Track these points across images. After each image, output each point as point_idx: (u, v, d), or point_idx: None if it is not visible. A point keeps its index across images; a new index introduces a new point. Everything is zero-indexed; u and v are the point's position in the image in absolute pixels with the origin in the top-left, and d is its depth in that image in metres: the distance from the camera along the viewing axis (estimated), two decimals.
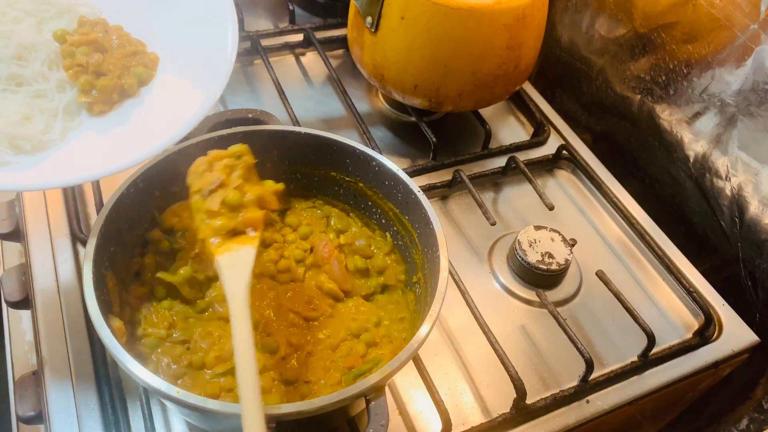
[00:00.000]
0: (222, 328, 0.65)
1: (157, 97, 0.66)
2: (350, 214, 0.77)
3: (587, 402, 0.73)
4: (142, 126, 0.63)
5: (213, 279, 0.68)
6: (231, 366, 0.61)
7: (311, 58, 1.11)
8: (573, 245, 0.83)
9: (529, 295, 0.82)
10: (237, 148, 0.63)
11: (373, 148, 0.75)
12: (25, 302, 0.75)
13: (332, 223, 0.76)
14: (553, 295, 0.82)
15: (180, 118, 0.62)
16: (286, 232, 0.75)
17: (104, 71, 0.64)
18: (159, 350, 0.62)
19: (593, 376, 0.73)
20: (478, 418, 0.70)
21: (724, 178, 0.90)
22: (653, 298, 0.85)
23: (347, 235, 0.75)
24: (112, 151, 0.62)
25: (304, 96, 1.04)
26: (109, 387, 0.67)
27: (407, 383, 0.72)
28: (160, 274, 0.66)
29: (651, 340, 0.75)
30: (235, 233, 0.59)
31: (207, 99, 0.64)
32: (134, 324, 0.64)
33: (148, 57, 0.68)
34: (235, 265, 0.57)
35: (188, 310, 0.66)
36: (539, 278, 0.82)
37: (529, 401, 0.70)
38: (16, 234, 0.82)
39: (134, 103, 0.65)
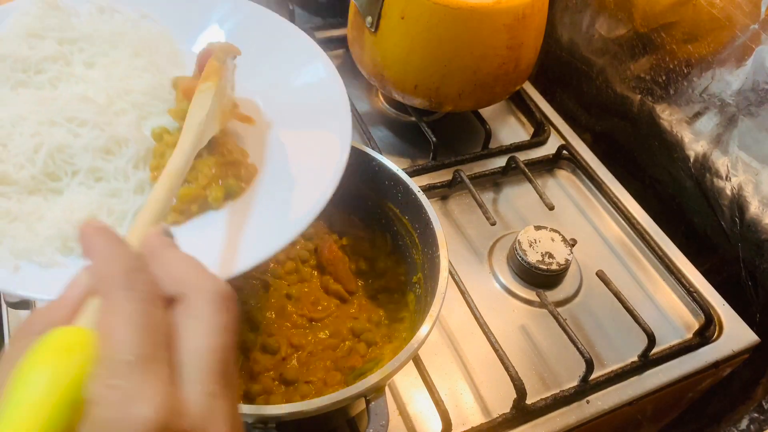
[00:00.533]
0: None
1: (243, 214, 0.56)
2: (350, 215, 0.77)
3: (587, 402, 0.73)
4: (216, 245, 0.54)
5: None
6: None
7: None
8: (573, 245, 0.83)
9: (529, 295, 0.82)
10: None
11: (373, 148, 0.75)
12: (25, 302, 0.75)
13: (335, 224, 0.76)
14: (553, 295, 0.82)
15: (261, 242, 0.53)
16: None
17: (190, 179, 0.55)
18: None
19: (593, 376, 0.73)
20: (478, 418, 0.70)
21: (724, 178, 0.90)
22: (653, 298, 0.85)
23: (349, 236, 0.75)
24: None
25: None
26: None
27: (407, 383, 0.72)
28: None
29: (651, 340, 0.75)
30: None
31: (295, 226, 0.53)
32: None
33: (245, 168, 0.59)
34: (200, 99, 0.54)
35: None
36: (539, 278, 0.82)
37: (529, 401, 0.70)
38: None
39: (215, 217, 0.56)
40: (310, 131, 0.62)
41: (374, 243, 0.75)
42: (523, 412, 0.70)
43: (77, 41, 0.64)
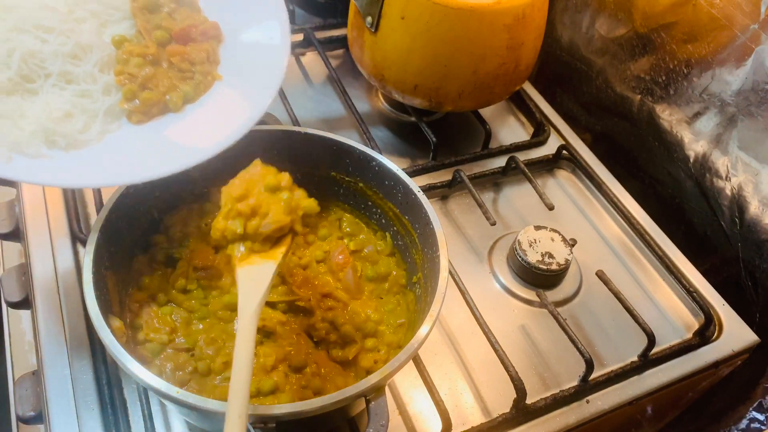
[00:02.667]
0: (225, 332, 0.65)
1: (200, 114, 0.67)
2: (351, 214, 0.77)
3: (587, 402, 0.73)
4: (178, 139, 0.64)
5: (215, 287, 0.68)
6: None
7: (311, 58, 1.11)
8: (573, 245, 0.83)
9: (529, 295, 0.82)
10: (279, 179, 0.61)
11: (373, 148, 0.75)
12: (25, 302, 0.75)
13: (343, 226, 0.76)
14: (553, 295, 0.82)
15: (215, 136, 0.63)
16: (305, 232, 0.75)
17: (151, 86, 0.65)
18: (162, 356, 0.62)
19: (593, 376, 0.73)
20: (478, 418, 0.70)
21: (724, 178, 0.90)
22: (653, 298, 0.85)
23: (357, 241, 0.75)
24: (141, 160, 0.62)
25: (304, 96, 1.04)
26: (109, 387, 0.67)
27: (407, 383, 0.72)
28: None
29: (651, 340, 0.75)
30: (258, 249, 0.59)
31: (244, 122, 0.65)
32: (135, 329, 0.64)
33: (207, 70, 0.69)
34: (253, 279, 0.57)
35: (190, 317, 0.66)
36: (539, 278, 0.82)
37: (529, 401, 0.70)
38: (16, 234, 0.82)
39: (175, 117, 0.66)
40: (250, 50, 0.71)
41: (378, 247, 0.75)
42: (523, 412, 0.70)
43: None
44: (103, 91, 0.65)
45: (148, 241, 0.69)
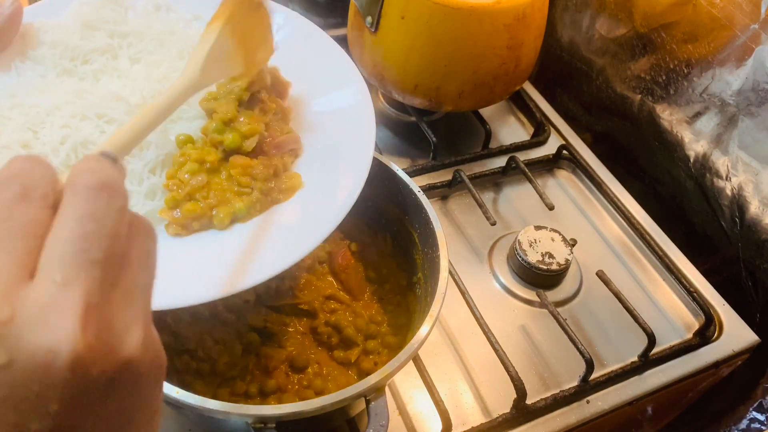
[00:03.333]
0: (228, 333, 0.65)
1: (246, 241, 0.55)
2: (357, 218, 0.77)
3: (587, 402, 0.73)
4: (213, 263, 0.54)
5: None
6: (240, 368, 0.62)
7: None
8: (573, 245, 0.83)
9: (529, 295, 0.82)
10: None
11: None
12: None
13: (345, 227, 0.76)
14: (553, 295, 0.82)
15: (262, 263, 0.53)
16: None
17: (199, 197, 0.56)
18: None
19: (593, 376, 0.73)
20: (478, 418, 0.70)
21: (724, 178, 0.90)
22: (653, 298, 0.85)
23: (358, 242, 0.75)
24: (172, 279, 0.50)
25: None
26: None
27: (407, 383, 0.72)
28: None
29: (651, 340, 0.75)
30: None
31: (287, 260, 0.53)
32: None
33: (269, 189, 0.58)
34: (205, 37, 0.52)
35: (191, 319, 0.65)
36: (539, 278, 0.82)
37: (529, 401, 0.70)
38: None
39: (219, 235, 0.56)
40: (328, 158, 0.61)
41: (378, 248, 0.75)
42: (523, 412, 0.70)
43: (127, 36, 0.65)
44: (146, 194, 0.56)
45: None
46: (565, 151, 0.99)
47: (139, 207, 0.56)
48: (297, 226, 0.56)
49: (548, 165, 1.00)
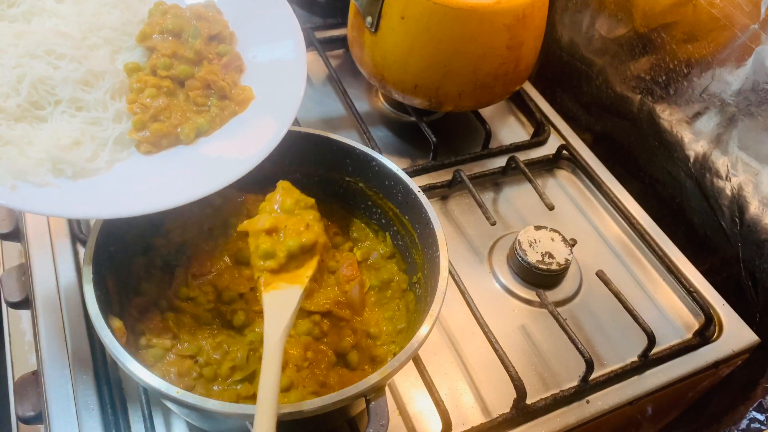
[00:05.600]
0: (232, 337, 0.65)
1: (213, 146, 0.64)
2: (351, 215, 0.77)
3: (587, 402, 0.73)
4: (186, 171, 0.62)
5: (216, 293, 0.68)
6: (247, 372, 0.62)
7: (311, 58, 1.11)
8: (573, 245, 0.83)
9: (529, 295, 0.82)
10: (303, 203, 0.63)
11: (373, 148, 0.75)
12: (25, 302, 0.75)
13: (351, 231, 0.76)
14: (553, 295, 0.82)
15: (224, 170, 0.61)
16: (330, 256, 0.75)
17: (163, 117, 0.63)
18: (165, 361, 0.62)
19: (593, 376, 0.73)
20: (478, 418, 0.70)
21: (724, 178, 0.90)
22: (653, 298, 0.85)
23: (363, 249, 0.75)
24: (148, 191, 0.60)
25: (304, 96, 1.04)
26: (109, 387, 0.67)
27: (407, 383, 0.72)
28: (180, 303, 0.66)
29: (651, 340, 0.75)
30: (284, 270, 0.59)
31: (253, 156, 0.62)
32: (137, 334, 0.64)
33: (225, 104, 0.67)
34: (279, 303, 0.56)
35: (194, 323, 0.66)
36: (539, 278, 0.82)
37: (529, 401, 0.70)
38: (16, 234, 0.82)
39: (187, 149, 0.64)
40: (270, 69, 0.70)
41: (380, 250, 0.75)
42: (523, 412, 0.70)
43: None
44: (113, 119, 0.63)
45: (148, 243, 0.69)
46: (565, 151, 0.99)
47: (110, 131, 0.62)
48: (257, 131, 0.64)
49: (548, 165, 1.00)
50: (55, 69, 0.62)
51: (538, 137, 1.02)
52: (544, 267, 0.80)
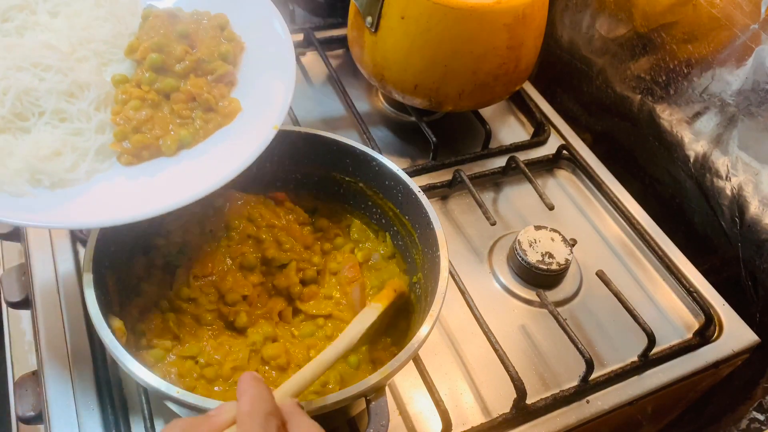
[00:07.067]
0: (234, 338, 0.65)
1: (195, 158, 0.64)
2: (351, 215, 0.77)
3: (587, 402, 0.73)
4: (166, 182, 0.62)
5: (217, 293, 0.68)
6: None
7: (311, 58, 1.11)
8: (573, 245, 0.83)
9: (529, 295, 0.82)
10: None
11: (373, 148, 0.75)
12: (25, 302, 0.75)
13: (352, 232, 0.76)
14: (553, 295, 0.82)
15: (203, 181, 0.61)
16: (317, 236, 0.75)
17: (145, 129, 0.63)
18: (166, 362, 0.62)
19: (593, 376, 0.73)
20: (478, 418, 0.70)
21: (724, 178, 0.90)
22: (653, 298, 0.85)
23: (364, 250, 0.75)
24: (128, 202, 0.60)
25: (304, 96, 1.04)
26: (109, 387, 0.67)
27: (407, 383, 0.72)
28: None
29: (651, 340, 0.75)
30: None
31: (233, 168, 0.62)
32: (138, 334, 0.64)
33: (209, 117, 0.66)
34: (366, 314, 0.63)
35: (193, 323, 0.66)
36: (539, 278, 0.82)
37: (529, 401, 0.70)
38: (16, 234, 0.82)
39: (168, 161, 0.64)
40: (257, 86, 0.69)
41: (380, 251, 0.75)
42: (523, 412, 0.70)
43: None
44: (96, 130, 0.63)
45: (149, 243, 0.69)
46: (565, 151, 0.99)
47: (91, 142, 0.62)
48: (242, 140, 0.64)
49: (548, 165, 1.00)
50: (41, 81, 0.62)
51: (538, 137, 1.02)
52: (544, 267, 0.80)
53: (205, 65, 0.67)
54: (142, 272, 0.67)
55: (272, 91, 0.67)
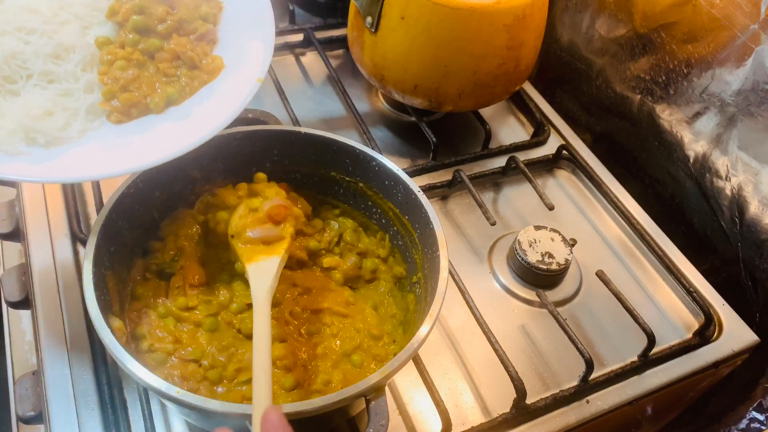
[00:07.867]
0: (237, 338, 0.65)
1: (183, 114, 0.66)
2: (351, 215, 0.77)
3: (587, 402, 0.73)
4: (156, 137, 0.64)
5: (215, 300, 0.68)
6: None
7: (311, 58, 1.11)
8: (573, 245, 0.83)
9: (529, 295, 0.82)
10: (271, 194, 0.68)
11: (373, 148, 0.75)
12: (25, 302, 0.75)
13: (344, 236, 0.76)
14: (553, 295, 0.82)
15: (192, 135, 0.63)
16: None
17: (133, 88, 0.65)
18: (168, 365, 0.62)
19: (593, 376, 0.73)
20: (478, 418, 0.70)
21: (724, 178, 0.90)
22: (653, 298, 0.85)
23: (358, 249, 0.75)
24: (121, 156, 0.62)
25: (304, 96, 1.04)
26: (109, 387, 0.67)
27: (407, 383, 0.72)
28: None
29: (651, 340, 0.75)
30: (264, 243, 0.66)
31: (221, 120, 0.64)
32: (137, 338, 0.63)
33: (194, 74, 0.68)
34: (261, 271, 0.63)
35: (196, 329, 0.65)
36: (539, 278, 0.82)
37: (529, 401, 0.70)
38: (16, 234, 0.82)
39: (157, 118, 0.66)
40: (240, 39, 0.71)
41: (377, 251, 0.75)
42: (523, 412, 0.70)
43: None
44: (85, 90, 0.65)
45: (147, 245, 0.69)
46: (564, 151, 0.99)
47: (81, 102, 0.64)
48: (227, 94, 0.66)
49: (548, 165, 1.00)
50: (26, 44, 0.64)
51: (538, 137, 1.02)
52: (544, 267, 0.80)
53: (186, 25, 0.69)
54: (138, 276, 0.67)
55: (253, 48, 0.70)
